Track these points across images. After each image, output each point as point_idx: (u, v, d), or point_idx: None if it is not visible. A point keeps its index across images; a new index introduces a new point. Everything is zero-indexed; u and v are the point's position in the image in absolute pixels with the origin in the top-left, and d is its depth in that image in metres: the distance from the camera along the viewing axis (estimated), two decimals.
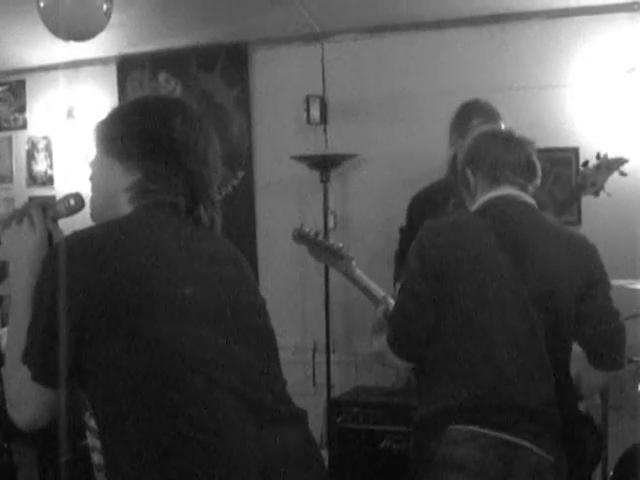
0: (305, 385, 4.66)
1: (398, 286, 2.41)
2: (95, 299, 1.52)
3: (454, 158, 3.36)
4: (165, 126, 1.73)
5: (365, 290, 2.79)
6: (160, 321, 1.55)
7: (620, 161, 3.07)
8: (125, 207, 1.71)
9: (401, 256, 3.61)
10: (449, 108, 3.54)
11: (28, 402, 1.59)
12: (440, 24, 4.47)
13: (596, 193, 3.09)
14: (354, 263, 2.77)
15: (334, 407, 4.20)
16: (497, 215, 2.33)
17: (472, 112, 3.38)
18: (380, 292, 2.76)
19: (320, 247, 2.79)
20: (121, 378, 1.53)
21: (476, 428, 2.16)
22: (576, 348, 2.39)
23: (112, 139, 1.75)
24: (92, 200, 1.81)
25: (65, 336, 1.53)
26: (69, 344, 1.53)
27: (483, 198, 2.39)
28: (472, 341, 2.22)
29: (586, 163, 3.10)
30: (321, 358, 4.62)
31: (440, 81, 4.47)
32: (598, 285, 2.35)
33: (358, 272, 2.79)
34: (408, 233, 3.74)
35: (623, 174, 3.08)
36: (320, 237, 2.81)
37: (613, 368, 2.38)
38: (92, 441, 1.68)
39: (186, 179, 1.72)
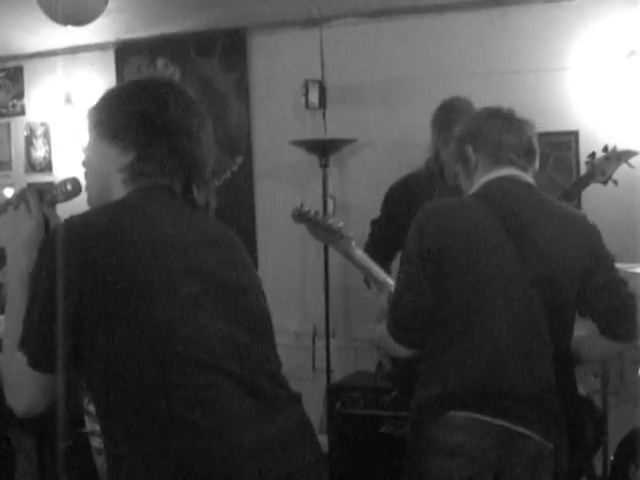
0: (305, 370, 4.66)
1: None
2: (92, 284, 1.52)
3: (436, 157, 3.37)
4: (159, 107, 1.72)
5: (365, 270, 2.76)
6: (157, 305, 1.54)
7: (630, 153, 3.11)
8: (119, 189, 1.71)
9: (370, 251, 3.54)
10: (449, 93, 3.51)
11: (25, 389, 1.59)
12: (440, 8, 4.44)
13: (604, 182, 3.11)
14: (354, 243, 2.75)
15: (334, 392, 4.20)
16: (499, 196, 2.30)
17: (455, 115, 3.23)
18: (381, 274, 2.73)
19: (320, 226, 2.75)
20: (119, 363, 1.53)
21: (475, 415, 2.15)
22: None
23: (106, 121, 1.74)
24: (87, 184, 1.80)
25: (62, 322, 1.52)
26: (66, 330, 1.53)
27: (484, 178, 2.36)
28: (472, 326, 2.20)
29: (593, 155, 3.11)
30: (321, 343, 4.63)
31: (440, 65, 4.44)
32: (604, 260, 2.34)
33: (359, 252, 2.76)
34: (383, 226, 3.68)
35: (631, 166, 3.11)
36: (320, 216, 2.78)
37: (628, 338, 2.34)
38: (92, 426, 1.68)
39: (180, 160, 1.72)
